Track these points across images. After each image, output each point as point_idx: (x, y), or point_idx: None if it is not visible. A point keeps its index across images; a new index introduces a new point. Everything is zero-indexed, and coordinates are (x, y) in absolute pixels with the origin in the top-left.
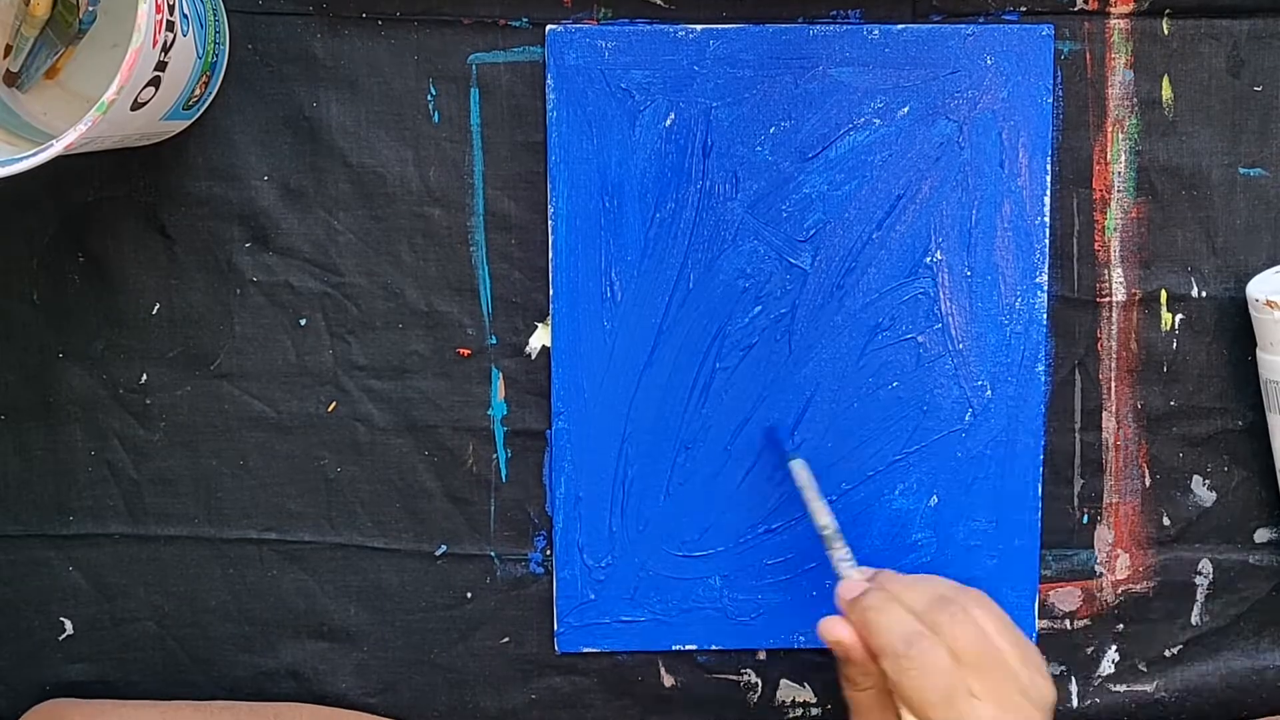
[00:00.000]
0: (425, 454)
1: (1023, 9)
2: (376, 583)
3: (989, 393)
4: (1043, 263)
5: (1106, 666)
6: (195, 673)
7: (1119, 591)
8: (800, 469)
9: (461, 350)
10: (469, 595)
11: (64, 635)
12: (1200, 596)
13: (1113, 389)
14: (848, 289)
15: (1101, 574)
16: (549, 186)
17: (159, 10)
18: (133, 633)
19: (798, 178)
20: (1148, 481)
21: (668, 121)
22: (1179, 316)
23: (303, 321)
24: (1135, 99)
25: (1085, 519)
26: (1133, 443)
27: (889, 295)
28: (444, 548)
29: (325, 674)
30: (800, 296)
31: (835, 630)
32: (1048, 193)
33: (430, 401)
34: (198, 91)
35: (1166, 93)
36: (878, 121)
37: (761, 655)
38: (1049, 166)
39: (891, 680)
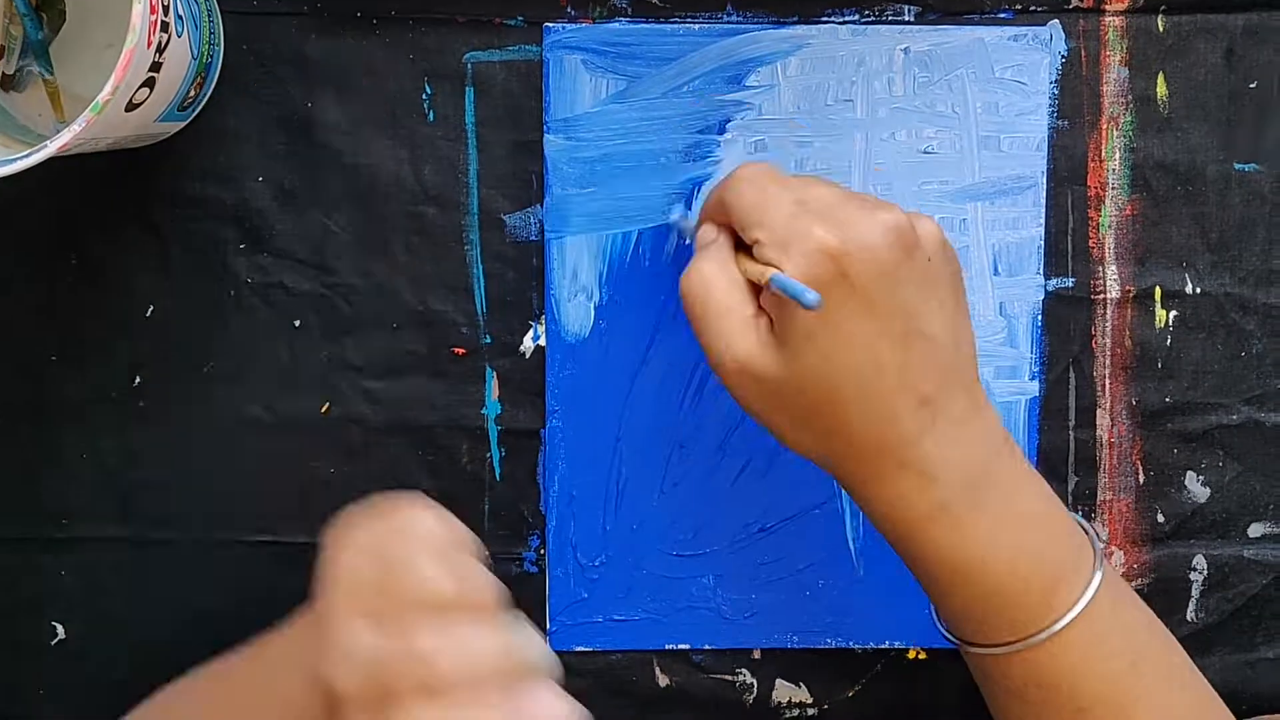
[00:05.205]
0: (419, 454)
1: (1017, 7)
2: None
3: None
4: (1037, 260)
5: None
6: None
7: None
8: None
9: (456, 350)
10: None
11: (56, 640)
12: (1195, 593)
13: (1107, 386)
14: None
15: None
16: (544, 185)
17: (153, 11)
18: (126, 637)
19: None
20: (1142, 478)
21: None
22: (1173, 313)
23: (297, 323)
24: (1130, 96)
25: (1080, 516)
26: (1127, 440)
27: None
28: None
29: None
30: None
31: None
32: (1042, 190)
33: (425, 401)
34: (192, 93)
35: (1161, 89)
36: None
37: (756, 655)
38: (1043, 164)
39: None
